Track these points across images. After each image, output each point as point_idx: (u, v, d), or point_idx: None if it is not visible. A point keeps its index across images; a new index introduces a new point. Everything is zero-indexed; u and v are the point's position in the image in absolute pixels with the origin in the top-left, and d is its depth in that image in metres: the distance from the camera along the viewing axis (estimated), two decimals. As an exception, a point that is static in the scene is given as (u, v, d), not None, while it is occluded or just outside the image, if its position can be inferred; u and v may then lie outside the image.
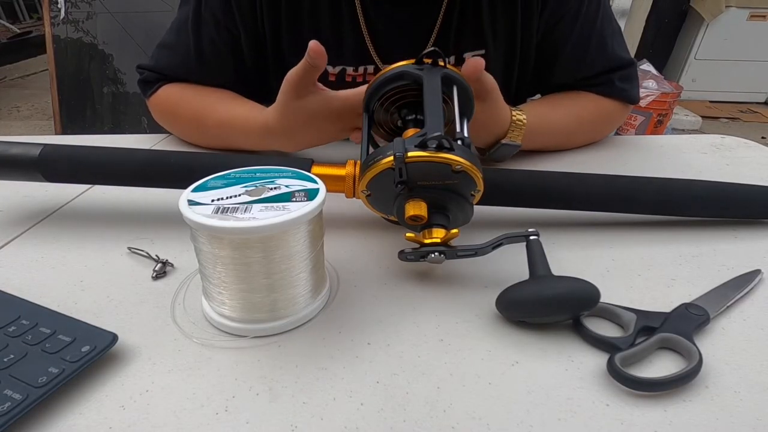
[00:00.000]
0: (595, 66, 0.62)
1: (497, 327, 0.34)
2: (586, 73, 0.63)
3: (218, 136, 0.59)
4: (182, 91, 0.62)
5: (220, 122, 0.58)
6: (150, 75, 0.63)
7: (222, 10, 0.59)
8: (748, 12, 2.82)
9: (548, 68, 0.64)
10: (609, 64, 0.62)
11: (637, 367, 0.30)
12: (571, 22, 0.60)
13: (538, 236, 0.35)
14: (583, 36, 0.61)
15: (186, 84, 0.62)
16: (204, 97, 0.61)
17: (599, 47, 0.61)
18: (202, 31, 0.60)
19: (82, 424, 0.26)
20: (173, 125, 0.64)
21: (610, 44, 0.62)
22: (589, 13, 0.60)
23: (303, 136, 0.53)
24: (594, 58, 0.62)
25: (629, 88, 0.64)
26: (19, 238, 0.43)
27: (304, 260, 0.32)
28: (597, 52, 0.61)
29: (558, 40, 0.61)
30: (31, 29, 3.95)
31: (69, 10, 1.92)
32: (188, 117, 0.61)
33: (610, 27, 0.63)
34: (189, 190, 0.32)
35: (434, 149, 0.34)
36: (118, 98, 2.00)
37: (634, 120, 2.32)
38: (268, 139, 0.55)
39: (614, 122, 0.68)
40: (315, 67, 0.45)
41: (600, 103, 0.63)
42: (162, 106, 0.63)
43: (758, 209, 0.46)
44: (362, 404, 0.28)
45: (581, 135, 0.65)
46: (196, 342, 0.32)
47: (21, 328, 0.30)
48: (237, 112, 0.58)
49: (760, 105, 3.14)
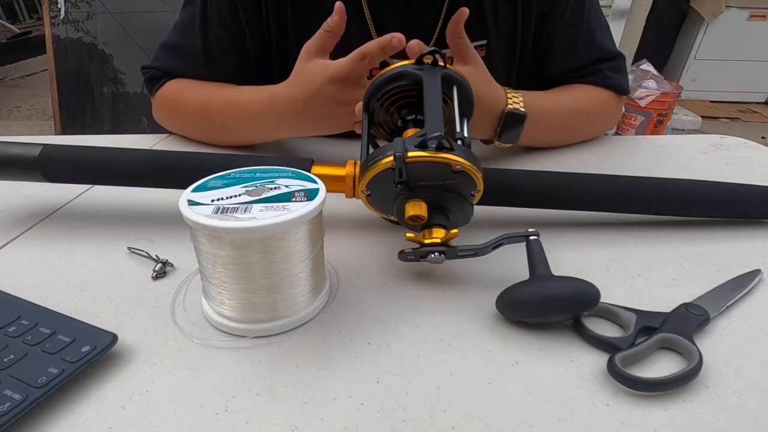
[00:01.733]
0: (585, 56, 0.63)
1: (497, 327, 0.34)
2: (578, 63, 0.63)
3: (222, 120, 0.59)
4: (189, 83, 0.63)
5: (226, 101, 0.58)
6: (156, 73, 0.64)
7: (228, 9, 0.59)
8: (748, 12, 2.82)
9: (542, 61, 0.65)
10: (598, 55, 0.64)
11: (637, 367, 0.30)
12: (560, 14, 0.61)
13: (538, 236, 0.35)
14: (572, 26, 0.62)
15: (191, 79, 0.63)
16: (210, 86, 0.61)
17: (587, 38, 0.63)
18: (209, 30, 0.60)
19: (82, 424, 0.26)
20: (177, 118, 0.64)
21: (599, 36, 0.64)
22: (577, 5, 0.62)
23: (305, 107, 0.51)
24: (583, 49, 0.63)
25: (619, 78, 0.65)
26: (19, 238, 0.43)
27: (304, 260, 0.32)
28: (586, 43, 0.63)
29: (549, 32, 0.62)
30: (31, 29, 3.95)
31: (69, 10, 1.92)
32: (195, 104, 0.61)
33: (598, 20, 0.64)
34: (189, 190, 0.32)
35: (434, 149, 0.34)
36: (118, 98, 2.00)
37: (634, 120, 2.32)
38: (272, 108, 0.54)
39: (608, 113, 0.68)
40: (331, 32, 0.46)
41: (592, 92, 0.64)
42: (168, 99, 0.64)
43: (758, 209, 0.46)
44: (362, 404, 0.28)
45: (578, 126, 0.65)
46: (196, 342, 0.32)
47: (21, 329, 0.30)
48: (243, 90, 0.59)
49: (760, 105, 3.14)
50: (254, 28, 0.60)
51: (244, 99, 0.57)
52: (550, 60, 0.64)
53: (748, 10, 2.82)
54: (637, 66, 2.43)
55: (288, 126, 0.55)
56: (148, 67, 0.65)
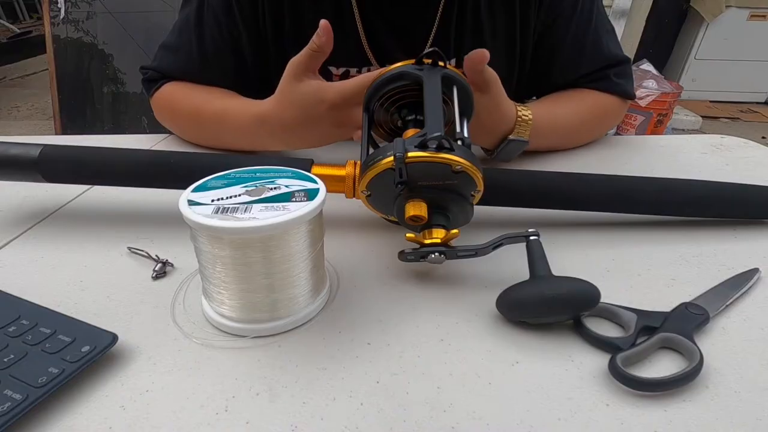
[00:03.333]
0: (592, 64, 0.63)
1: (497, 327, 0.34)
2: (584, 71, 0.63)
3: (214, 131, 0.59)
4: (183, 88, 0.62)
5: (216, 114, 0.58)
6: (154, 74, 0.64)
7: (223, 10, 0.59)
8: (749, 12, 2.82)
9: (546, 68, 0.64)
10: (605, 61, 0.63)
11: (638, 367, 0.30)
12: (567, 21, 0.61)
13: (538, 236, 0.35)
14: (579, 35, 0.61)
15: (188, 83, 0.63)
16: (203, 93, 0.61)
17: (595, 45, 0.62)
18: (204, 31, 0.60)
19: (82, 424, 0.26)
20: (173, 121, 0.64)
21: (605, 42, 0.63)
22: (584, 12, 0.61)
23: (297, 128, 0.51)
24: (590, 56, 0.63)
25: (625, 83, 0.65)
26: (19, 239, 0.43)
27: (304, 260, 0.32)
28: (593, 50, 0.62)
29: (555, 40, 0.62)
30: (31, 29, 3.95)
31: (69, 9, 1.92)
32: (187, 111, 0.61)
33: (604, 26, 0.64)
34: (189, 190, 0.32)
35: (434, 149, 0.34)
36: (118, 98, 2.00)
37: (634, 120, 2.32)
38: (262, 129, 0.53)
39: (613, 118, 0.69)
40: (319, 51, 0.45)
41: (599, 99, 0.64)
42: (163, 103, 0.64)
43: (758, 209, 0.46)
44: (362, 404, 0.28)
45: (585, 132, 0.65)
46: (196, 342, 0.32)
47: (21, 328, 0.30)
48: (233, 103, 0.58)
49: (760, 105, 3.14)
50: (251, 29, 0.60)
51: (233, 114, 0.56)
52: (554, 68, 0.64)
53: (748, 10, 2.82)
54: (637, 66, 2.43)
55: (279, 143, 0.55)
56: (146, 68, 0.65)
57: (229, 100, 0.59)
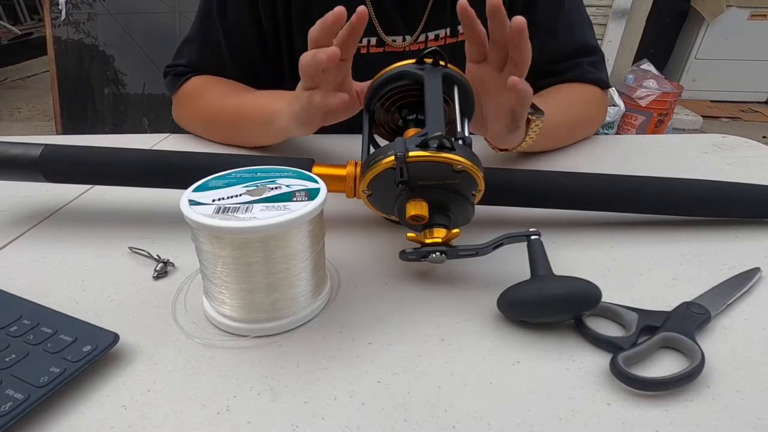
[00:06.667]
0: (565, 46, 0.63)
1: (498, 327, 0.34)
2: (558, 52, 0.63)
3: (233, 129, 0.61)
4: (209, 79, 0.65)
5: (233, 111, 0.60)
6: (182, 69, 0.66)
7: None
8: (749, 11, 2.82)
9: None
10: (577, 48, 0.64)
11: (639, 366, 0.30)
12: (541, 3, 0.62)
13: (539, 236, 0.35)
14: (552, 17, 0.62)
15: (211, 76, 0.65)
16: (222, 89, 0.63)
17: (567, 30, 0.63)
18: (227, 13, 0.62)
19: (83, 424, 0.26)
20: (194, 114, 0.65)
21: (579, 29, 0.64)
22: None
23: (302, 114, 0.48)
24: (563, 41, 0.63)
25: (599, 72, 0.65)
26: (20, 239, 0.44)
27: (305, 260, 0.32)
28: (565, 35, 0.63)
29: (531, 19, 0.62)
30: (32, 30, 3.96)
31: (70, 11, 1.92)
32: (205, 108, 0.63)
33: (579, 14, 0.65)
34: (190, 190, 0.32)
35: (435, 149, 0.34)
36: (119, 99, 2.00)
37: (635, 120, 2.32)
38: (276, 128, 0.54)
39: (598, 109, 0.68)
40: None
41: (581, 92, 0.64)
42: (188, 95, 0.65)
43: (759, 209, 0.45)
44: (363, 404, 0.28)
45: (579, 131, 0.65)
46: (197, 342, 0.32)
47: (22, 328, 0.31)
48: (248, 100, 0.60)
49: (760, 104, 3.14)
50: (267, 10, 0.61)
51: (250, 110, 0.58)
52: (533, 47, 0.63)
53: (749, 10, 2.81)
54: (637, 66, 2.43)
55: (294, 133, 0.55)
56: (172, 65, 0.66)
57: (245, 96, 0.61)
